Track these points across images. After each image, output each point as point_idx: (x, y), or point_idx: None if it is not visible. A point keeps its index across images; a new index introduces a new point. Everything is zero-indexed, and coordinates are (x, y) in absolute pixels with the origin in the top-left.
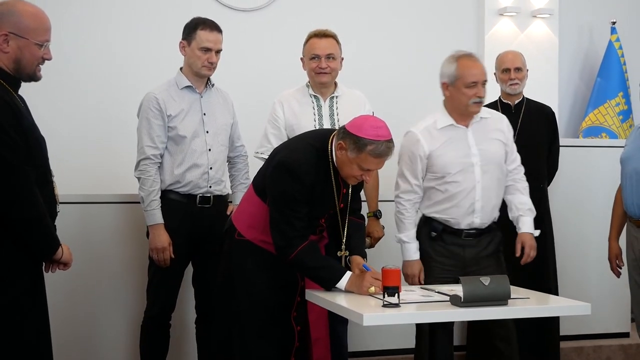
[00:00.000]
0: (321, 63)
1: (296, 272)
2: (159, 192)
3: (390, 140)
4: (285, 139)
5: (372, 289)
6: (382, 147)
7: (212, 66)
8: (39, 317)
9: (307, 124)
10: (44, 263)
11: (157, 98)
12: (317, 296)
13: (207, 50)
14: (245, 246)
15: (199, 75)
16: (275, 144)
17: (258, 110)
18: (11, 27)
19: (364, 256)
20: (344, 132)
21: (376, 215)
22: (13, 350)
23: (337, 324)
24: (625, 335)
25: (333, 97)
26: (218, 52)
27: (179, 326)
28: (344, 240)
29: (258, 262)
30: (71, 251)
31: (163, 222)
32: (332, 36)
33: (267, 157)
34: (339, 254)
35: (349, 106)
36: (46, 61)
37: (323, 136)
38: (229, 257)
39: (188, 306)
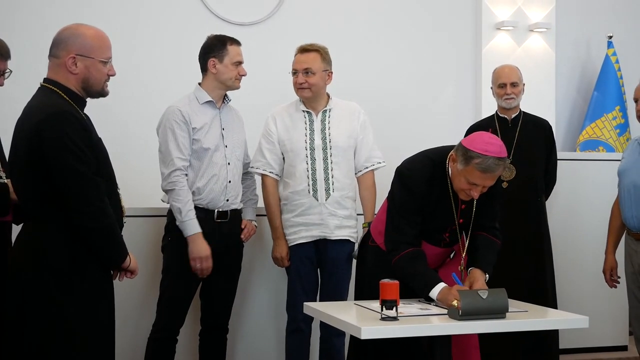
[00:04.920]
0: (298, 78)
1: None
2: (192, 202)
3: (500, 158)
4: (279, 154)
5: (455, 302)
6: (489, 162)
7: (241, 78)
8: (108, 325)
9: (298, 138)
10: (111, 271)
11: (181, 111)
12: (315, 309)
13: (239, 63)
14: (374, 252)
15: (232, 88)
16: (269, 158)
17: (254, 123)
18: (78, 49)
19: (489, 273)
20: (458, 144)
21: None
22: (82, 356)
23: (334, 336)
24: (624, 348)
25: (325, 110)
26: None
27: (182, 337)
28: (463, 255)
29: (385, 267)
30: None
31: (201, 230)
32: (317, 50)
33: (261, 171)
34: (459, 268)
35: (341, 119)
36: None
37: (444, 150)
38: (363, 262)
39: (193, 318)
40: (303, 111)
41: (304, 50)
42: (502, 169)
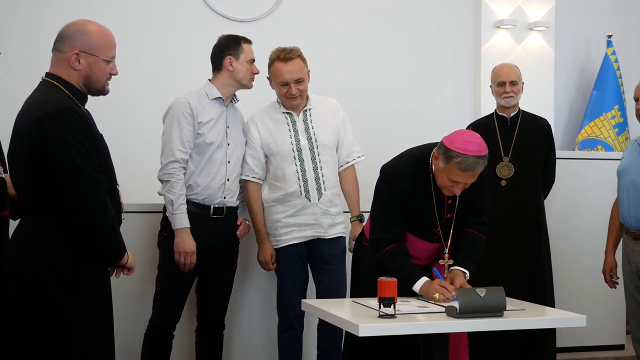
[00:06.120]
0: (291, 90)
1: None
2: (185, 197)
3: (480, 157)
4: (262, 159)
5: (437, 295)
6: (468, 161)
7: (254, 77)
8: (106, 322)
9: (283, 141)
10: (109, 268)
11: (189, 103)
12: (312, 306)
13: (253, 61)
14: (369, 251)
15: (245, 87)
16: (252, 163)
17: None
18: (82, 46)
19: (471, 270)
20: (440, 142)
21: (359, 219)
22: (80, 353)
23: (332, 337)
24: (621, 347)
25: (306, 110)
26: None
27: (179, 333)
28: (446, 250)
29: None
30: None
31: (189, 226)
32: (298, 55)
33: (244, 177)
34: (440, 261)
35: (323, 116)
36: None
37: (429, 148)
38: (358, 261)
39: (190, 314)
40: (284, 112)
41: (287, 59)
42: (483, 166)
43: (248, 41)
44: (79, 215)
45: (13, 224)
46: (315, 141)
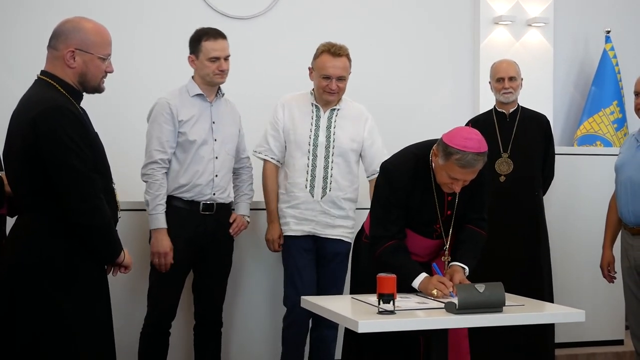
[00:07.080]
0: (331, 84)
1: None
2: (165, 197)
3: (479, 153)
4: (283, 142)
5: (435, 291)
6: (468, 158)
7: (223, 74)
8: (105, 320)
9: (303, 131)
10: (106, 266)
11: (169, 104)
12: (310, 302)
13: (216, 59)
14: (368, 248)
15: (212, 84)
16: (272, 145)
17: (254, 117)
18: (77, 43)
19: (471, 266)
20: (440, 139)
21: None
22: (80, 353)
23: (325, 328)
24: (620, 342)
25: (334, 109)
26: (227, 58)
27: (177, 332)
28: (446, 246)
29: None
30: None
31: (166, 226)
32: (346, 55)
33: (263, 156)
34: (442, 258)
35: (348, 120)
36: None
37: (429, 144)
38: (357, 258)
39: (187, 313)
40: (312, 104)
41: (336, 54)
42: (482, 163)
43: (212, 37)
44: (75, 215)
45: (10, 222)
46: (333, 141)
